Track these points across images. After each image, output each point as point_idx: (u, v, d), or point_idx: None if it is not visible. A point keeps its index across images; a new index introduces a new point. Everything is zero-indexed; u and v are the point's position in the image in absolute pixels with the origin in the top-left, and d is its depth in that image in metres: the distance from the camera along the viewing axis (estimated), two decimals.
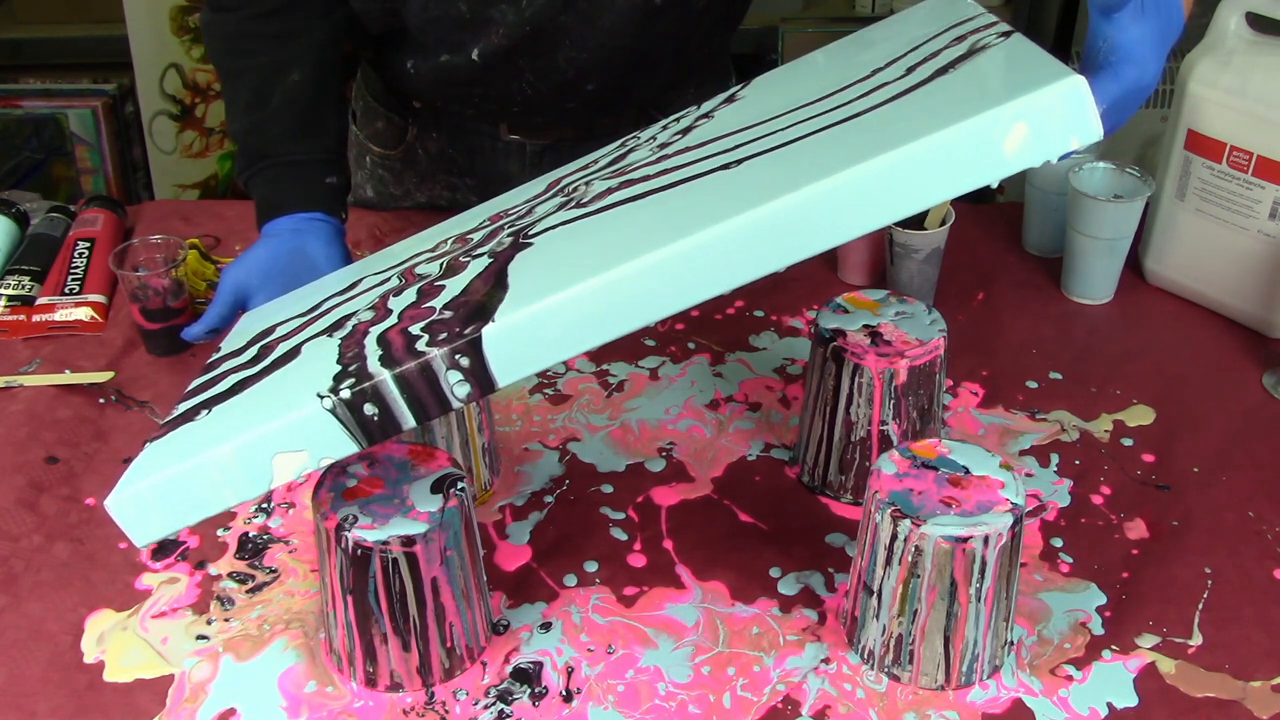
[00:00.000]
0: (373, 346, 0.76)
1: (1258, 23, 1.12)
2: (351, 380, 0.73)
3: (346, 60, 1.17)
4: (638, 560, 0.92)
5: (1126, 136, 1.97)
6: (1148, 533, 0.94)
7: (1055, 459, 1.01)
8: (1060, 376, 1.11)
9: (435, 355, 0.71)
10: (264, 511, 0.96)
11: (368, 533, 0.76)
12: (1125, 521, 0.95)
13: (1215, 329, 1.18)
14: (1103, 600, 0.88)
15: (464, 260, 0.84)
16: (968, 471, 0.81)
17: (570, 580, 0.90)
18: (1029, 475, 0.99)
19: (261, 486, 0.75)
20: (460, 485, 0.80)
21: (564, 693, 0.82)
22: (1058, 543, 0.93)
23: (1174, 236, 1.19)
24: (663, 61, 1.19)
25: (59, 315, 1.17)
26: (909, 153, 0.66)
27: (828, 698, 0.81)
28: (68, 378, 1.09)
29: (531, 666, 0.84)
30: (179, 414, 0.84)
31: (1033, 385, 1.10)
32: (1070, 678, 0.83)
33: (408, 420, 0.73)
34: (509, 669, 0.83)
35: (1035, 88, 0.65)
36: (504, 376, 0.72)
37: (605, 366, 1.12)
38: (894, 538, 0.78)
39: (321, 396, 0.73)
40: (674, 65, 1.22)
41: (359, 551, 0.76)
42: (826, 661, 0.84)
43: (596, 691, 0.82)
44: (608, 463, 1.01)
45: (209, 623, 0.87)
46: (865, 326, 0.94)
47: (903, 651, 0.81)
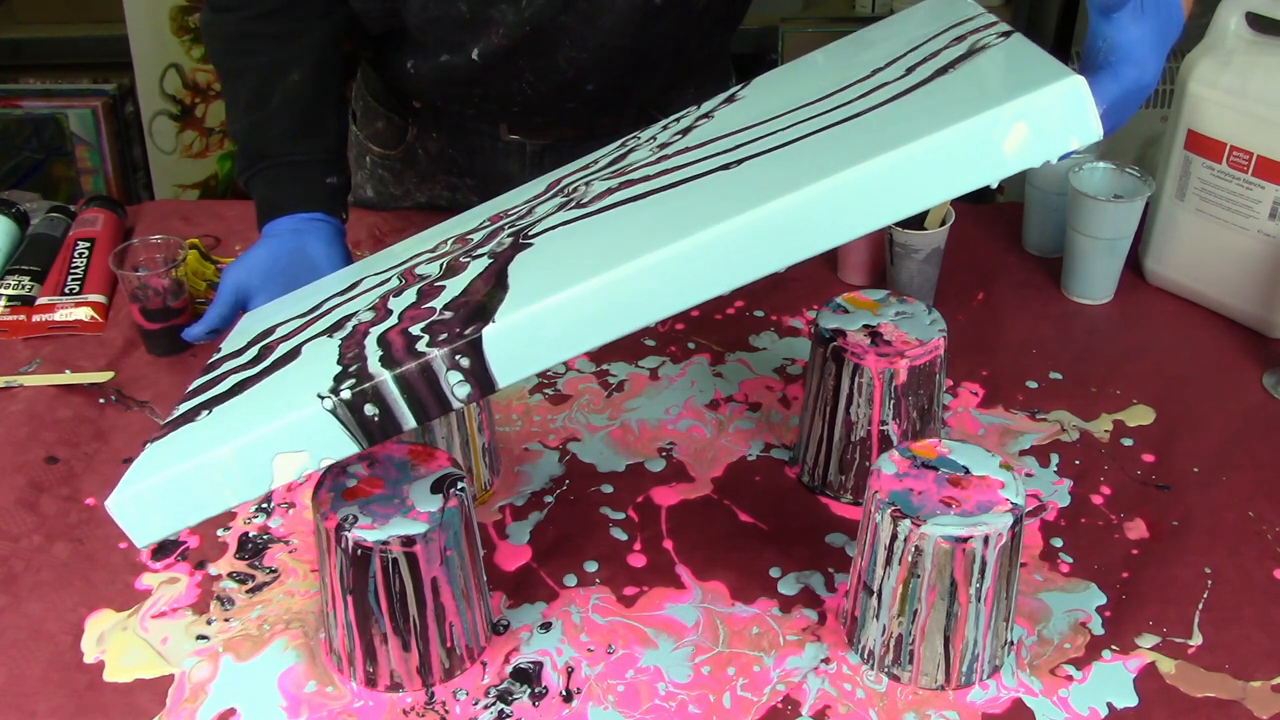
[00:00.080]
0: (373, 347, 0.76)
1: (1258, 23, 1.12)
2: (352, 381, 0.73)
3: (346, 60, 1.17)
4: (638, 560, 0.92)
5: (1126, 136, 1.97)
6: (1148, 533, 0.94)
7: (1055, 459, 1.01)
8: (1060, 376, 1.11)
9: (435, 356, 0.71)
10: (264, 511, 0.96)
11: (368, 533, 0.76)
12: (1125, 521, 0.95)
13: (1215, 329, 1.18)
14: (1103, 600, 0.88)
15: (464, 261, 0.84)
16: (968, 471, 0.81)
17: (570, 580, 0.90)
18: (1029, 475, 0.99)
19: (262, 487, 0.75)
20: (460, 485, 0.80)
21: (564, 693, 0.82)
22: (1058, 543, 0.93)
23: (1174, 236, 1.19)
24: (663, 61, 1.19)
25: (59, 315, 1.17)
26: (909, 153, 0.66)
27: (828, 698, 0.81)
28: (68, 378, 1.09)
29: (531, 666, 0.84)
30: (179, 414, 0.84)
31: (1033, 385, 1.10)
32: (1070, 678, 0.83)
33: (408, 421, 0.73)
34: (509, 669, 0.83)
35: (1035, 88, 0.65)
36: (504, 377, 0.72)
37: (605, 366, 1.12)
38: (894, 538, 0.78)
39: (322, 397, 0.73)
40: (674, 65, 1.22)
41: (359, 551, 0.76)
42: (826, 661, 0.84)
43: (596, 691, 0.82)
44: (608, 463, 1.01)
45: (209, 623, 0.87)
46: (865, 326, 0.94)
47: (903, 651, 0.81)
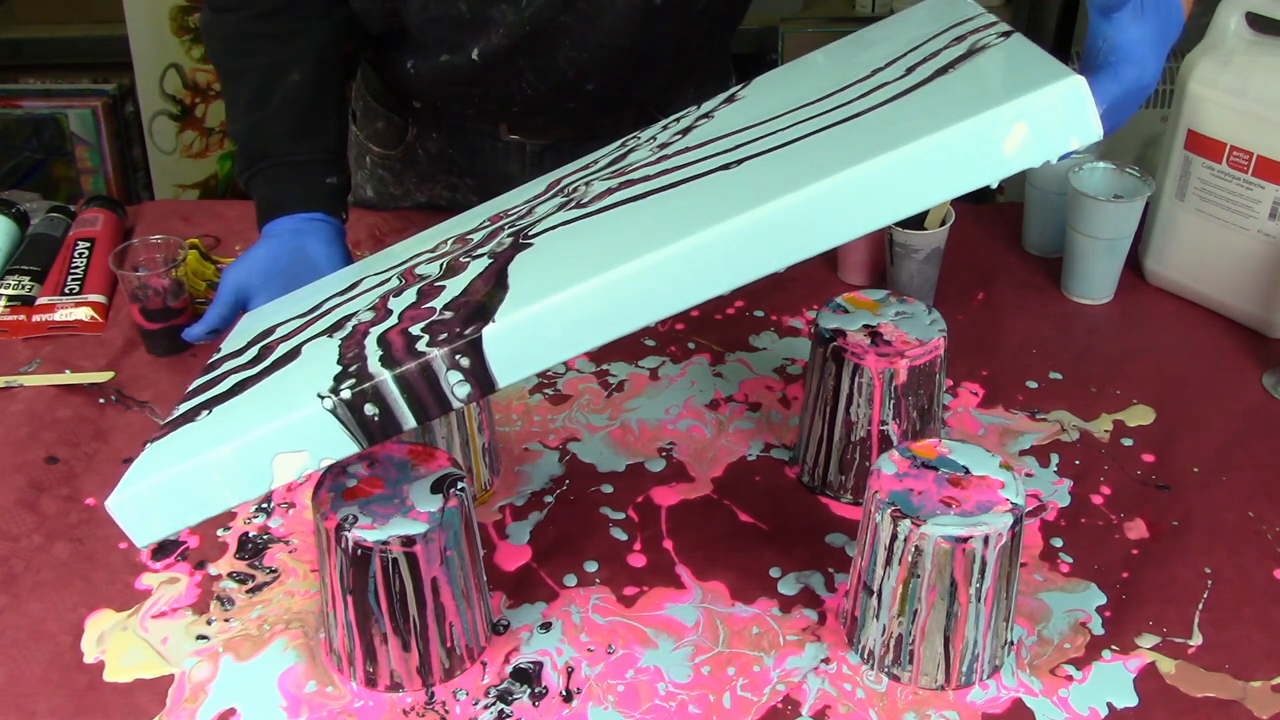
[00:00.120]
0: (373, 347, 0.76)
1: (1258, 23, 1.12)
2: (352, 380, 0.73)
3: (346, 60, 1.17)
4: (638, 560, 0.92)
5: (1126, 136, 1.97)
6: (1148, 533, 0.94)
7: (1055, 459, 1.01)
8: (1060, 376, 1.11)
9: (435, 355, 0.71)
10: (264, 511, 0.96)
11: (368, 533, 0.76)
12: (1125, 521, 0.95)
13: (1215, 329, 1.18)
14: (1103, 600, 0.88)
15: (464, 260, 0.84)
16: (968, 471, 0.81)
17: (570, 580, 0.90)
18: (1029, 475, 0.99)
19: (262, 487, 0.75)
20: (460, 485, 0.80)
21: (564, 693, 0.82)
22: (1058, 543, 0.93)
23: (1174, 236, 1.19)
24: (663, 61, 1.19)
25: (59, 315, 1.17)
26: (909, 153, 0.66)
27: (828, 698, 0.81)
28: (68, 378, 1.09)
29: (531, 666, 0.84)
30: (179, 414, 0.84)
31: (1033, 385, 1.10)
32: (1070, 678, 0.83)
33: (408, 420, 0.73)
34: (509, 669, 0.83)
35: (1035, 88, 0.65)
36: (504, 377, 0.72)
37: (605, 366, 1.12)
38: (894, 538, 0.78)
39: (322, 397, 0.73)
40: (674, 65, 1.22)
41: (359, 551, 0.76)
42: (826, 661, 0.84)
43: (596, 691, 0.82)
44: (608, 463, 1.01)
45: (209, 623, 0.87)
46: (865, 326, 0.94)
47: (903, 651, 0.81)
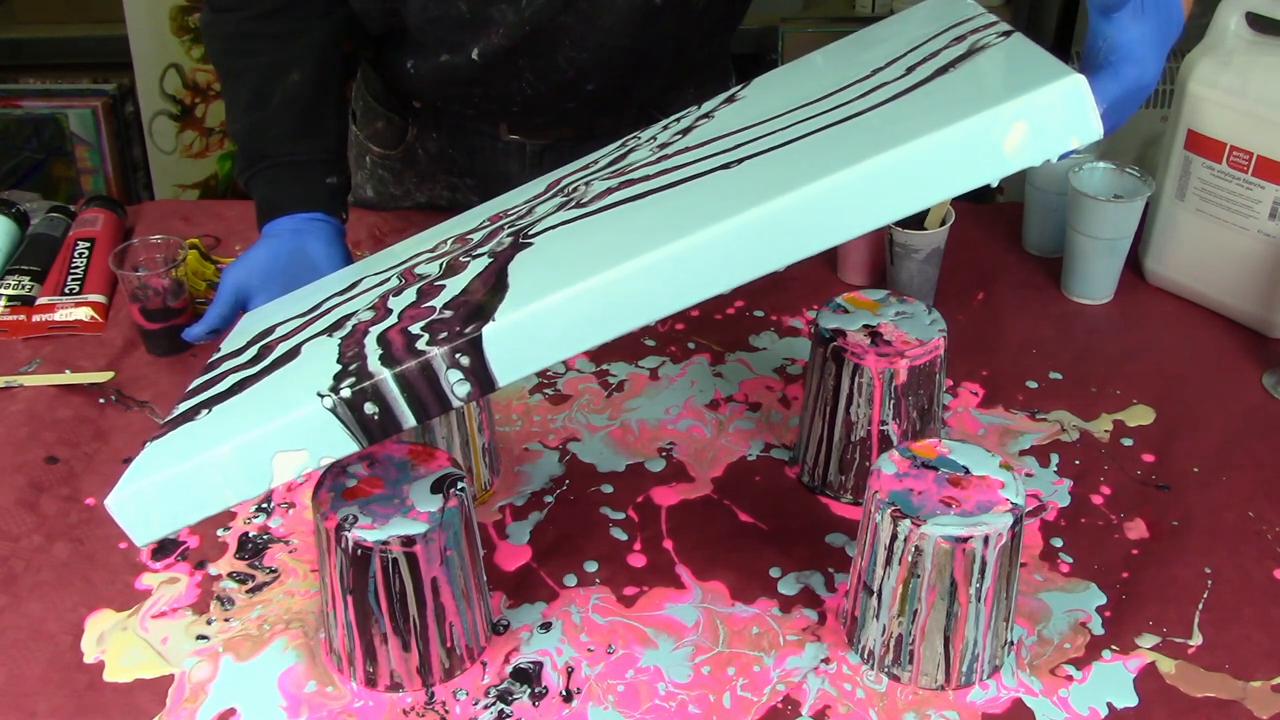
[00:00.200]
0: (373, 346, 0.76)
1: (1258, 23, 1.12)
2: (352, 379, 0.73)
3: (346, 60, 1.17)
4: (638, 560, 0.92)
5: (1126, 136, 1.97)
6: (1148, 533, 0.94)
7: (1055, 459, 1.01)
8: (1060, 376, 1.11)
9: (435, 354, 0.71)
10: (264, 511, 0.96)
11: (368, 533, 0.76)
12: (1125, 521, 0.95)
13: (1215, 329, 1.18)
14: (1103, 600, 0.88)
15: (464, 260, 0.84)
16: (968, 471, 0.81)
17: (570, 580, 0.90)
18: (1029, 475, 0.99)
19: (262, 486, 0.75)
20: (460, 485, 0.80)
21: (564, 693, 0.82)
22: (1058, 543, 0.93)
23: (1174, 236, 1.19)
24: (663, 61, 1.19)
25: (59, 315, 1.17)
26: (909, 152, 0.66)
27: (828, 698, 0.81)
28: (68, 378, 1.09)
29: (531, 666, 0.84)
30: (179, 414, 0.84)
31: (1033, 385, 1.10)
32: (1070, 678, 0.83)
33: (408, 419, 0.73)
34: (509, 669, 0.83)
35: (1035, 87, 0.65)
36: (504, 375, 0.72)
37: (605, 366, 1.12)
38: (894, 538, 0.78)
39: (322, 396, 0.73)
40: (674, 65, 1.22)
41: (359, 551, 0.76)
42: (826, 661, 0.84)
43: (596, 691, 0.82)
44: (608, 463, 1.01)
45: (209, 623, 0.87)
46: (865, 326, 0.94)
47: (903, 651, 0.81)
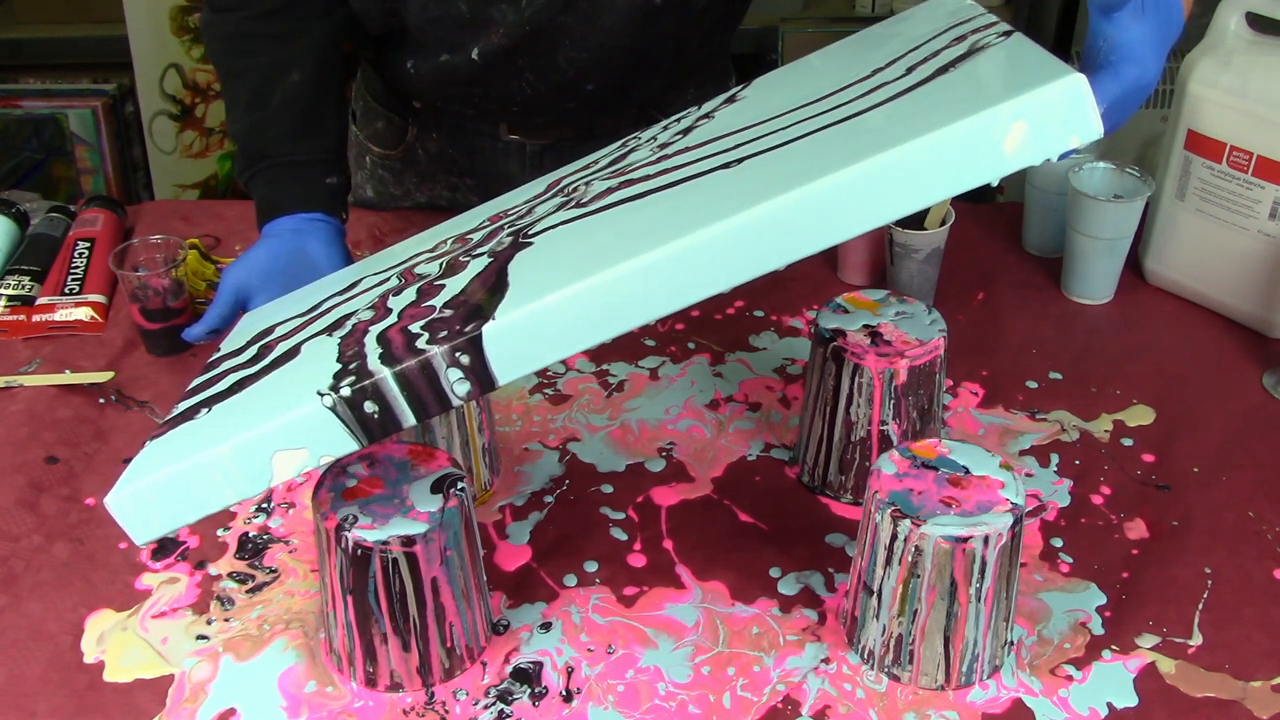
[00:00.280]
0: (373, 345, 0.76)
1: (1258, 23, 1.12)
2: (352, 378, 0.73)
3: (346, 60, 1.17)
4: (638, 560, 0.92)
5: (1126, 136, 1.97)
6: (1148, 533, 0.94)
7: (1055, 459, 1.01)
8: (1060, 376, 1.11)
9: (435, 353, 0.71)
10: (264, 511, 0.96)
11: (368, 533, 0.76)
12: (1125, 521, 0.95)
13: (1215, 329, 1.18)
14: (1103, 600, 0.88)
15: (464, 260, 0.84)
16: (968, 471, 0.81)
17: (570, 580, 0.90)
18: (1029, 475, 0.99)
19: (261, 485, 0.75)
20: (460, 485, 0.80)
21: (564, 693, 0.82)
22: (1058, 543, 0.93)
23: (1174, 236, 1.19)
24: (663, 61, 1.19)
25: (59, 315, 1.17)
26: (909, 151, 0.66)
27: (828, 698, 0.81)
28: (68, 378, 1.09)
29: (531, 666, 0.84)
30: (179, 413, 0.84)
31: (1033, 385, 1.10)
32: (1070, 678, 0.83)
33: (408, 418, 0.73)
34: (509, 669, 0.83)
35: (1035, 86, 0.65)
36: (504, 374, 0.72)
37: (605, 366, 1.12)
38: (894, 538, 0.78)
39: (322, 394, 0.73)
40: (674, 65, 1.22)
41: (359, 551, 0.76)
42: (826, 661, 0.84)
43: (596, 691, 0.82)
44: (608, 463, 1.01)
45: (209, 623, 0.87)
46: (865, 326, 0.94)
47: (903, 651, 0.81)
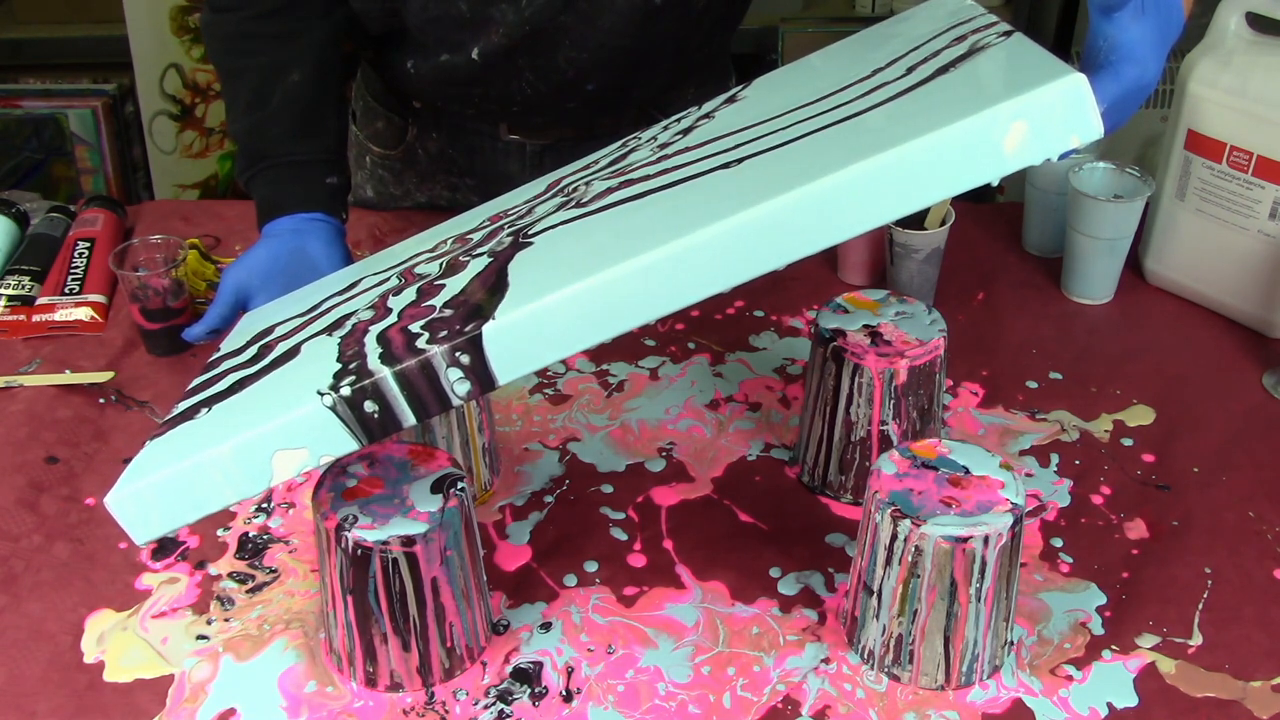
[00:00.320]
0: (373, 344, 0.76)
1: (1258, 23, 1.12)
2: (352, 378, 0.73)
3: (346, 60, 1.17)
4: (638, 560, 0.92)
5: (1126, 136, 1.97)
6: (1148, 533, 0.94)
7: (1055, 459, 1.01)
8: (1060, 376, 1.11)
9: (435, 353, 0.71)
10: (264, 511, 0.96)
11: (368, 533, 0.76)
12: (1125, 521, 0.95)
13: (1215, 329, 1.18)
14: (1103, 600, 0.88)
15: (464, 260, 0.84)
16: (968, 471, 0.81)
17: (570, 580, 0.90)
18: (1029, 475, 0.99)
19: (261, 484, 0.75)
20: (460, 485, 0.80)
21: (564, 693, 0.82)
22: (1058, 543, 0.93)
23: (1174, 236, 1.19)
24: (663, 61, 1.19)
25: (59, 315, 1.17)
26: (909, 151, 0.66)
27: (828, 698, 0.81)
28: (68, 378, 1.09)
29: (531, 666, 0.84)
30: (179, 413, 0.84)
31: (1033, 385, 1.10)
32: (1070, 678, 0.83)
33: (408, 418, 0.73)
34: (509, 669, 0.83)
35: (1035, 86, 0.65)
36: (504, 374, 0.72)
37: (605, 366, 1.12)
38: (894, 538, 0.78)
39: (322, 394, 0.73)
40: (674, 65, 1.22)
41: (359, 551, 0.76)
42: (826, 661, 0.84)
43: (596, 691, 0.82)
44: (608, 463, 1.01)
45: (209, 623, 0.87)
46: (865, 326, 0.94)
47: (903, 651, 0.81)
